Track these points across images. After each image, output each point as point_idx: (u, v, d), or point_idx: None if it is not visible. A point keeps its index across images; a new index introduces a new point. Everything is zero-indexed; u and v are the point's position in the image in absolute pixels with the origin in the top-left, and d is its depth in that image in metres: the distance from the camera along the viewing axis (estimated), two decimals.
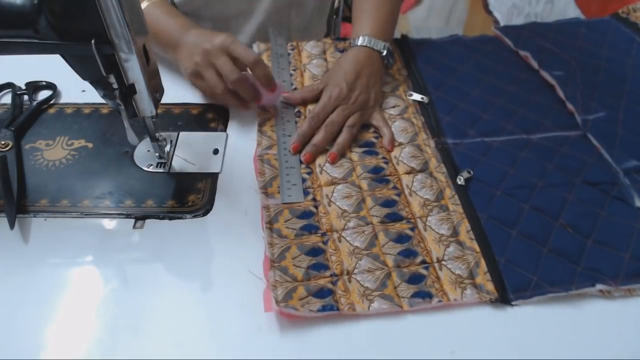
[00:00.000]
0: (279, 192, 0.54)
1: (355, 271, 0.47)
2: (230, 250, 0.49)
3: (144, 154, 0.58)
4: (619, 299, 0.47)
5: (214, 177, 0.56)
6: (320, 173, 0.56)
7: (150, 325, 0.44)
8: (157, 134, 0.54)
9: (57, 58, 0.45)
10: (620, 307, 0.46)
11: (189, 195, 0.54)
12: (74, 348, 0.42)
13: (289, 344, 0.43)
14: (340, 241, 0.50)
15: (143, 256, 0.49)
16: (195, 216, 0.52)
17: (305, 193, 0.54)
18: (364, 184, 0.55)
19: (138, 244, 0.50)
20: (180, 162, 0.57)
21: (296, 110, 0.64)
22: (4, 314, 0.44)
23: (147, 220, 0.51)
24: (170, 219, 0.52)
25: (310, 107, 0.64)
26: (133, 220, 0.51)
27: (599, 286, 0.46)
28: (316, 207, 0.53)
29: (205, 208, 0.53)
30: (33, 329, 0.43)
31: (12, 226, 0.50)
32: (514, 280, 0.47)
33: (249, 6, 0.80)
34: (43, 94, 0.65)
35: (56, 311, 0.45)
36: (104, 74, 0.44)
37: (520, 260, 0.48)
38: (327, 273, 0.47)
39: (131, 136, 0.49)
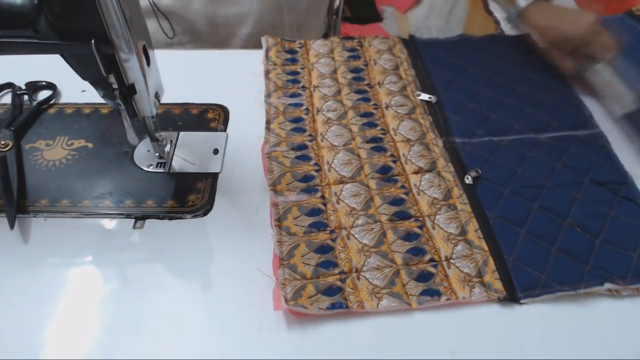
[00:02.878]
0: (287, 190, 0.54)
1: (364, 269, 0.47)
2: (230, 250, 0.49)
3: (144, 154, 0.58)
4: (628, 298, 0.47)
5: (214, 177, 0.56)
6: (329, 171, 0.56)
7: (150, 325, 0.44)
8: (157, 134, 0.54)
9: (57, 58, 0.45)
10: (628, 306, 0.46)
11: (189, 195, 0.54)
12: (74, 348, 0.42)
13: (290, 343, 0.43)
14: (349, 239, 0.50)
15: (143, 256, 0.49)
16: (195, 216, 0.52)
17: (314, 190, 0.54)
18: (372, 184, 0.55)
19: (138, 244, 0.50)
20: (180, 162, 0.57)
21: (304, 107, 0.64)
22: (4, 313, 0.44)
23: (147, 220, 0.51)
24: (170, 219, 0.52)
25: (317, 104, 0.64)
26: (133, 220, 0.51)
27: (608, 285, 0.46)
28: (325, 204, 0.53)
29: (205, 208, 0.53)
30: (33, 328, 0.43)
31: (12, 226, 0.50)
32: (522, 278, 0.47)
33: (242, 9, 0.80)
34: (43, 94, 0.65)
35: (56, 311, 0.45)
36: (104, 74, 0.44)
37: (529, 259, 0.48)
38: (336, 271, 0.47)
39: (131, 136, 0.49)
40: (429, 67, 0.71)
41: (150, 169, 0.56)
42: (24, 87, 0.65)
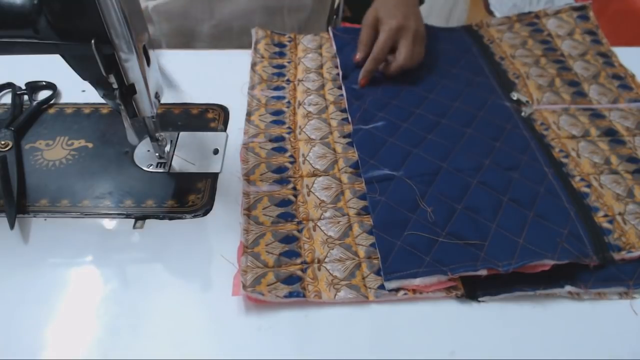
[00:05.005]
0: (260, 180, 0.54)
1: (326, 260, 0.48)
2: (230, 250, 0.49)
3: (144, 154, 0.58)
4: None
5: (214, 177, 0.56)
6: (303, 163, 0.57)
7: (150, 325, 0.44)
8: (157, 134, 0.54)
9: (57, 58, 0.45)
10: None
11: (189, 195, 0.54)
12: (74, 348, 0.42)
13: (290, 343, 0.43)
14: (314, 230, 0.50)
15: (143, 256, 0.49)
16: (195, 216, 0.52)
17: (286, 182, 0.55)
18: (344, 178, 0.55)
19: (138, 244, 0.50)
20: (180, 162, 0.57)
21: (286, 100, 0.65)
22: (4, 314, 0.44)
23: (147, 220, 0.51)
24: (170, 219, 0.52)
25: (299, 98, 0.65)
26: (133, 220, 0.51)
27: (568, 288, 0.46)
28: (295, 196, 0.53)
29: (205, 208, 0.53)
30: (33, 329, 0.43)
31: (12, 226, 0.50)
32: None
33: (245, 22, 0.80)
34: (43, 94, 0.65)
35: (56, 311, 0.45)
36: (104, 74, 0.44)
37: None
38: (298, 260, 0.48)
39: (131, 136, 0.49)
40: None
41: (150, 169, 0.56)
42: (24, 87, 0.65)
